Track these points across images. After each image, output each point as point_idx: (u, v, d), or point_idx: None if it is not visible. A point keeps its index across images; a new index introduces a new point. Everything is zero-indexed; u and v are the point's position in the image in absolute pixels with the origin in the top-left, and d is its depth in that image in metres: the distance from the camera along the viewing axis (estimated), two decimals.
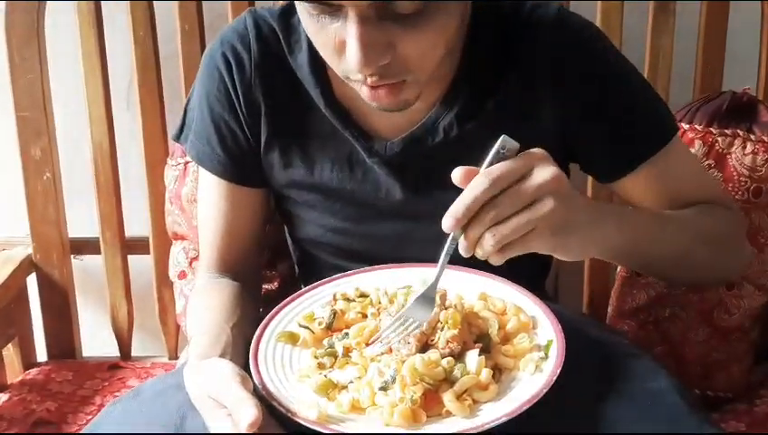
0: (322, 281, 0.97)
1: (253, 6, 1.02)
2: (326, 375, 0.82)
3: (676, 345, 1.21)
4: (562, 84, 0.94)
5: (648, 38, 1.27)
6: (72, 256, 1.44)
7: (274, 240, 1.20)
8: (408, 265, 0.96)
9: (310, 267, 1.11)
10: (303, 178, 1.01)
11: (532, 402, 0.76)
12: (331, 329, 0.89)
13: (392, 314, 0.85)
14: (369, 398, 0.78)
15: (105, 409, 0.91)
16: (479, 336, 0.84)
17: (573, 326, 0.86)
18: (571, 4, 1.24)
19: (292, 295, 0.94)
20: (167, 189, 1.31)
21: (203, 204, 1.08)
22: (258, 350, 0.86)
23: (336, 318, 0.89)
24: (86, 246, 1.45)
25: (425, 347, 0.82)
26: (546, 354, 0.82)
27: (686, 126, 1.18)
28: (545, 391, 0.77)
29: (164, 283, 1.39)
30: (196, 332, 0.94)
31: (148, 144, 1.36)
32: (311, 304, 0.93)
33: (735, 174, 1.15)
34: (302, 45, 0.97)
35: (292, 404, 0.78)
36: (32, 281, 1.42)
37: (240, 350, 0.88)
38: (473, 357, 0.81)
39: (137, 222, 1.41)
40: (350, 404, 0.78)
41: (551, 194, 0.75)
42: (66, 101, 1.39)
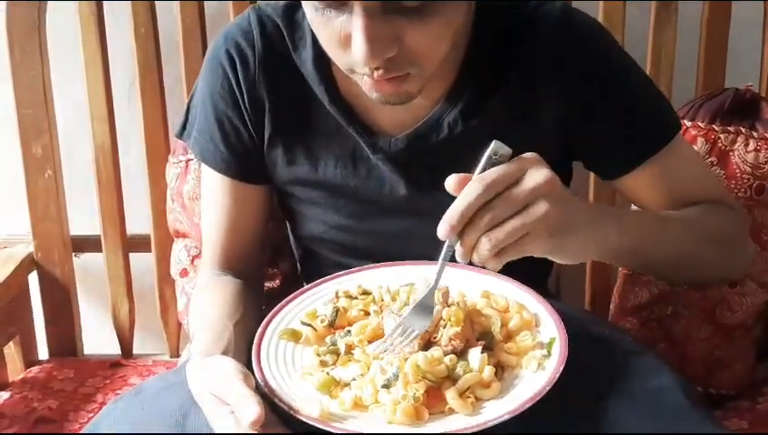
0: (325, 278, 0.96)
1: (256, 3, 1.01)
2: (328, 373, 0.82)
3: (678, 343, 1.21)
4: (564, 83, 0.94)
5: (651, 35, 1.26)
6: (73, 253, 1.44)
7: (276, 238, 1.20)
8: (411, 262, 0.96)
9: (312, 265, 1.11)
10: (307, 175, 1.01)
11: (535, 400, 0.76)
12: (334, 326, 0.89)
13: (394, 311, 0.85)
14: (372, 395, 0.78)
15: (106, 407, 0.90)
16: (482, 334, 0.84)
17: (576, 324, 0.86)
18: (573, 3, 1.24)
19: (295, 293, 0.94)
20: (168, 187, 1.31)
21: (206, 201, 1.08)
22: (260, 347, 0.86)
23: (338, 315, 0.89)
24: (87, 244, 1.45)
25: (427, 345, 0.82)
26: (549, 352, 0.82)
27: (688, 123, 1.18)
28: (548, 388, 0.76)
29: (165, 281, 1.39)
30: (198, 329, 0.94)
31: (149, 142, 1.36)
32: (313, 302, 0.93)
33: (738, 171, 1.15)
34: (306, 42, 0.97)
35: (294, 402, 0.78)
36: (33, 279, 1.42)
37: (242, 347, 0.88)
38: (475, 355, 0.81)
39: (138, 220, 1.41)
40: (352, 402, 0.78)
41: (544, 197, 0.75)
42: (68, 98, 1.39)
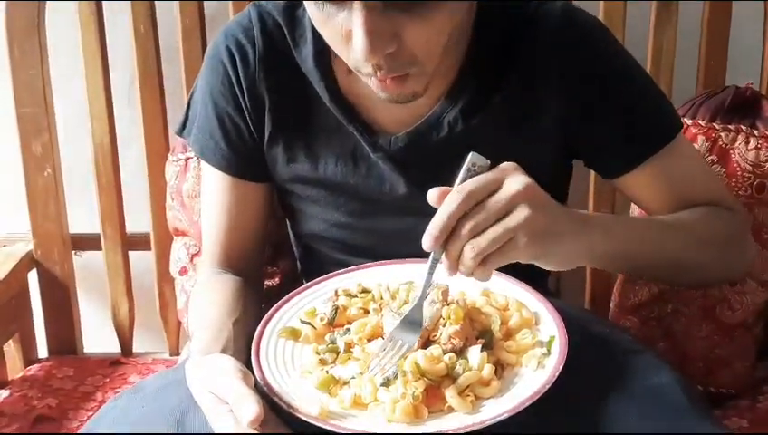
0: (324, 277, 0.96)
1: (256, 1, 1.01)
2: (328, 371, 0.82)
3: (678, 342, 1.21)
4: (564, 83, 0.94)
5: (651, 33, 1.26)
6: (73, 252, 1.44)
7: (276, 236, 1.20)
8: (411, 260, 0.95)
9: (312, 263, 1.10)
10: (307, 173, 1.01)
11: (535, 399, 0.75)
12: (333, 325, 0.88)
13: (394, 309, 0.85)
14: (371, 394, 0.78)
15: (106, 405, 0.90)
16: (481, 332, 0.84)
17: (576, 322, 0.86)
18: (574, 3, 1.23)
19: (294, 291, 0.94)
20: (168, 185, 1.31)
21: (205, 198, 1.08)
22: (260, 346, 0.86)
23: (338, 314, 0.89)
24: (87, 242, 1.45)
25: (427, 343, 0.82)
26: (548, 350, 0.81)
27: (689, 121, 1.18)
28: (547, 387, 0.76)
29: (165, 279, 1.39)
30: (197, 327, 0.94)
31: (148, 140, 1.36)
32: (312, 300, 0.93)
33: (739, 170, 1.15)
34: (306, 39, 0.96)
35: (293, 400, 0.78)
36: (33, 277, 1.42)
37: (242, 345, 0.88)
38: (475, 353, 0.80)
39: (138, 218, 1.41)
40: (351, 400, 0.78)
41: (524, 202, 0.75)
42: (67, 96, 1.39)
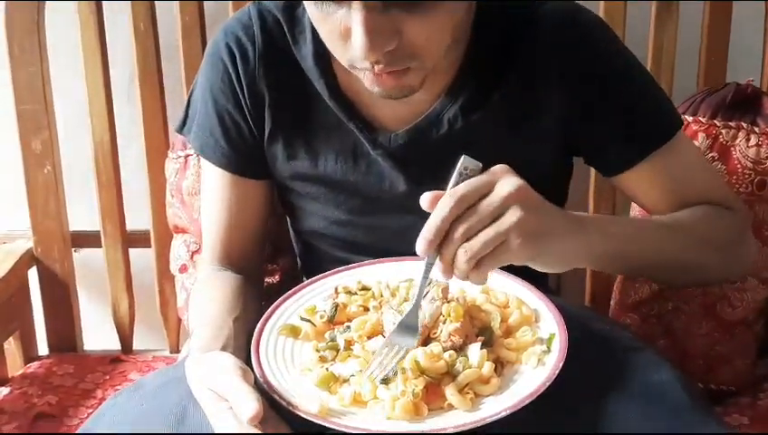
0: (324, 274, 0.96)
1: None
2: (328, 368, 0.82)
3: (679, 339, 1.21)
4: (564, 82, 0.94)
5: (652, 31, 1.26)
6: (73, 249, 1.44)
7: (276, 233, 1.20)
8: (411, 257, 0.95)
9: (312, 260, 1.10)
10: (307, 170, 1.01)
11: (535, 396, 0.75)
12: (333, 322, 0.88)
13: (394, 307, 0.85)
14: (371, 391, 0.78)
15: (106, 402, 0.90)
16: (481, 329, 0.84)
17: (576, 320, 0.86)
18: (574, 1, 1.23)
19: (294, 288, 0.94)
20: (167, 182, 1.31)
21: (205, 196, 1.08)
22: (260, 343, 0.86)
23: (338, 311, 0.89)
24: (87, 240, 1.45)
25: (427, 340, 0.82)
26: (548, 348, 0.81)
27: (689, 118, 1.18)
28: (547, 384, 0.76)
29: (165, 276, 1.39)
30: (197, 324, 0.94)
31: (148, 137, 1.35)
32: (312, 298, 0.93)
33: (739, 167, 1.15)
34: (306, 37, 0.96)
35: (293, 398, 0.78)
36: (33, 274, 1.42)
37: (242, 343, 0.88)
38: (475, 350, 0.80)
39: (138, 215, 1.41)
40: (351, 397, 0.78)
41: (516, 204, 0.75)
42: (67, 94, 1.39)
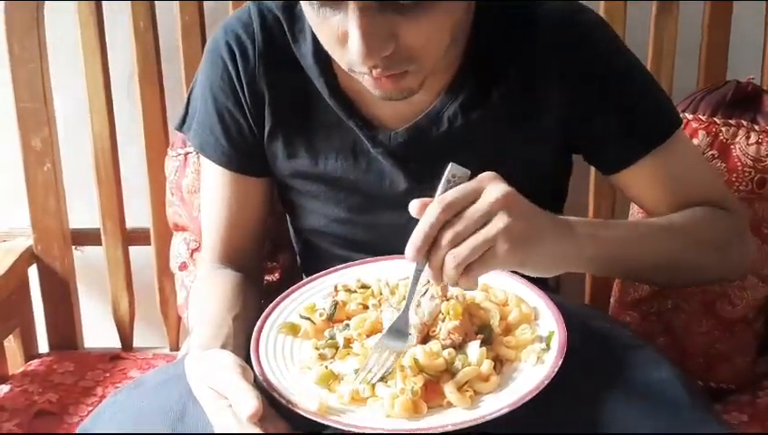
0: (324, 272, 0.96)
1: None
2: (327, 366, 0.82)
3: (678, 337, 1.21)
4: (564, 82, 0.94)
5: (652, 28, 1.26)
6: (73, 247, 1.44)
7: (276, 231, 1.20)
8: None
9: (312, 258, 1.10)
10: (307, 168, 1.01)
11: (534, 394, 0.75)
12: (333, 320, 0.88)
13: (393, 305, 0.84)
14: (370, 389, 0.78)
15: (106, 400, 0.91)
16: (480, 327, 0.84)
17: (575, 317, 0.86)
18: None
19: (294, 286, 0.94)
20: (167, 180, 1.31)
21: (205, 194, 1.08)
22: (259, 341, 0.86)
23: (337, 309, 0.89)
24: (87, 237, 1.45)
25: (426, 338, 0.82)
26: (548, 346, 0.81)
27: (689, 116, 1.17)
28: (547, 382, 0.76)
29: (165, 274, 1.39)
30: (197, 322, 0.94)
31: (148, 135, 1.36)
32: (312, 295, 0.93)
33: (739, 164, 1.15)
34: (306, 35, 0.96)
35: (292, 396, 0.78)
36: (33, 272, 1.42)
37: (241, 341, 0.88)
38: (474, 348, 0.80)
39: (137, 213, 1.41)
40: (350, 395, 0.78)
41: (503, 210, 0.75)
42: (67, 91, 1.39)
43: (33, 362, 1.38)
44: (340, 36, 0.80)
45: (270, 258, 1.26)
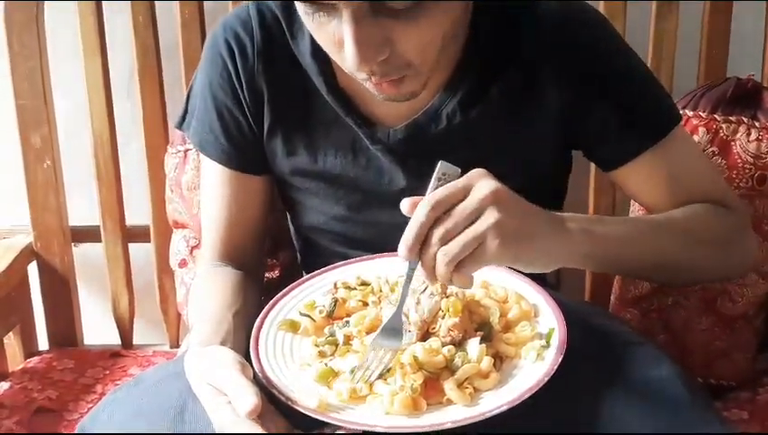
0: (323, 269, 0.96)
1: None
2: (327, 364, 0.82)
3: (679, 334, 1.21)
4: (563, 81, 0.94)
5: (652, 25, 1.26)
6: (73, 244, 1.44)
7: (276, 228, 1.19)
8: None
9: (312, 255, 1.10)
10: (307, 166, 1.01)
11: (534, 391, 0.75)
12: (332, 317, 0.88)
13: (393, 302, 0.84)
14: (368, 387, 0.78)
15: (106, 397, 0.91)
16: (480, 324, 0.84)
17: (575, 314, 0.86)
18: None
19: (294, 284, 0.94)
20: (167, 177, 1.31)
21: (205, 191, 1.08)
22: (259, 338, 0.86)
23: (337, 306, 0.89)
24: (87, 235, 1.45)
25: (426, 335, 0.82)
26: (548, 343, 0.81)
27: (690, 113, 1.17)
28: (546, 379, 0.76)
29: (165, 271, 1.39)
30: (197, 319, 0.94)
31: (148, 132, 1.35)
32: (312, 293, 0.93)
33: (740, 161, 1.15)
34: (304, 33, 0.96)
35: (292, 393, 0.78)
36: (33, 269, 1.42)
37: (241, 338, 0.88)
38: (474, 345, 0.80)
39: (137, 210, 1.41)
40: (349, 393, 0.78)
41: (492, 206, 0.75)
42: (66, 89, 1.39)
43: (33, 359, 1.38)
44: (336, 42, 0.81)
45: (270, 255, 1.25)
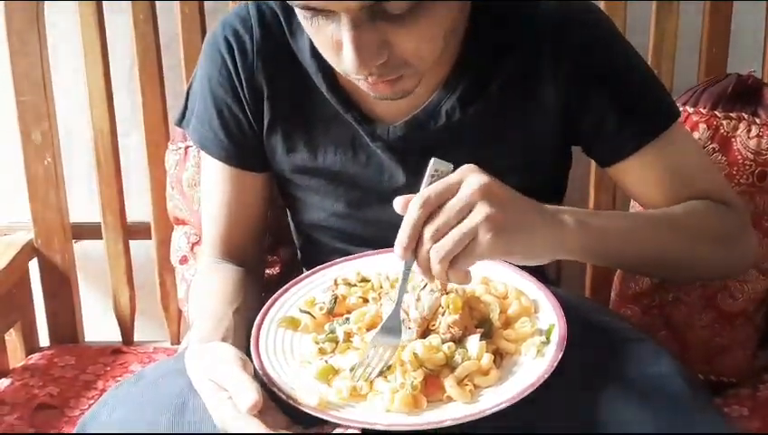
0: (324, 266, 0.96)
1: None
2: (327, 361, 0.82)
3: (679, 330, 1.21)
4: (562, 79, 0.94)
5: (653, 22, 1.25)
6: (73, 240, 1.44)
7: (276, 225, 1.19)
8: None
9: (312, 252, 1.10)
10: (306, 163, 1.01)
11: (534, 388, 0.75)
12: (333, 314, 0.88)
13: (393, 299, 0.84)
14: (368, 385, 0.78)
15: (107, 393, 0.91)
16: (480, 321, 0.84)
17: (575, 311, 0.86)
18: None
19: (294, 280, 0.94)
20: (167, 174, 1.31)
21: (205, 189, 1.08)
22: (259, 335, 0.86)
23: (337, 303, 0.89)
24: (87, 231, 1.45)
25: (426, 332, 0.82)
26: (548, 339, 0.81)
27: (690, 109, 1.17)
28: (547, 376, 0.76)
29: (166, 268, 1.39)
30: (197, 316, 0.95)
31: (148, 129, 1.35)
32: (312, 290, 0.93)
33: (740, 157, 1.14)
34: (303, 30, 0.96)
35: (292, 390, 0.78)
36: (33, 266, 1.42)
37: (242, 334, 0.88)
38: (474, 342, 0.80)
39: (138, 207, 1.41)
40: (350, 390, 0.78)
41: (483, 200, 0.75)
42: (67, 85, 1.39)
43: (34, 355, 1.38)
44: (334, 45, 0.81)
45: (270, 252, 1.25)
